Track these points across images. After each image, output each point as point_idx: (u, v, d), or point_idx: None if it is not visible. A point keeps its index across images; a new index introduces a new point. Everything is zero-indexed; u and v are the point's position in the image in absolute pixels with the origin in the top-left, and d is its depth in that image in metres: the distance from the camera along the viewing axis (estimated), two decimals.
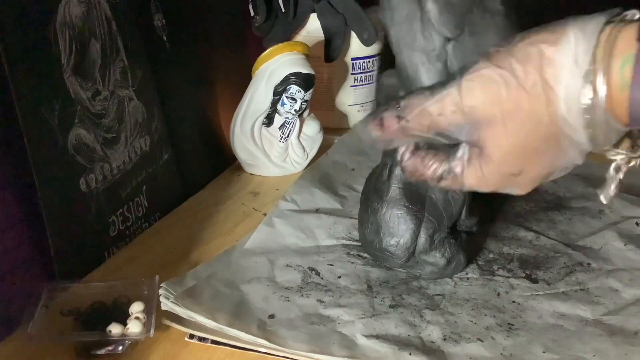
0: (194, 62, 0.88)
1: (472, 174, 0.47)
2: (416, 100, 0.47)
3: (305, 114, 0.89)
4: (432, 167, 0.50)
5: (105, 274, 0.66)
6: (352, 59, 1.01)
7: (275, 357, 0.54)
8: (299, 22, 0.99)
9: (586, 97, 0.41)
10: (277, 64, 0.84)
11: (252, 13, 0.96)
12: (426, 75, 0.56)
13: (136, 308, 0.57)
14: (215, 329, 0.56)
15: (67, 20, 0.65)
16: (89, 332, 0.56)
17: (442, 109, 0.46)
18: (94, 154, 0.68)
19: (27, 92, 0.60)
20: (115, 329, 0.55)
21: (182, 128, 0.85)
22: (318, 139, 0.91)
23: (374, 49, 1.01)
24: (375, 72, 1.04)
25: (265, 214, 0.76)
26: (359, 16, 0.97)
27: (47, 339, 0.55)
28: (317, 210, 0.76)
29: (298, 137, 0.89)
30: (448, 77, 0.47)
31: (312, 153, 0.91)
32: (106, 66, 0.70)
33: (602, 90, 0.41)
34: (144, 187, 0.76)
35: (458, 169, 0.48)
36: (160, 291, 0.58)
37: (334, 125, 1.01)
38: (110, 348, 0.54)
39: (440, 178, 0.49)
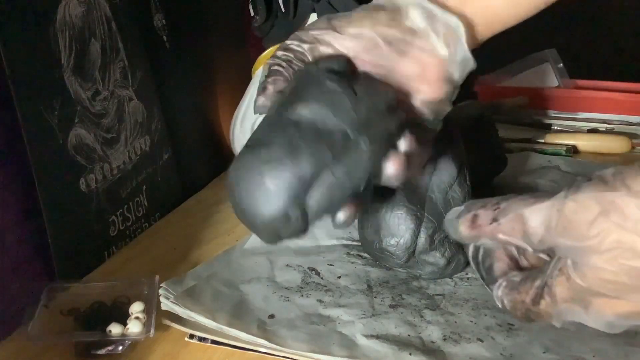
0: (194, 62, 0.88)
1: (561, 283, 0.42)
2: (514, 205, 0.44)
3: None
4: (531, 292, 0.44)
5: (105, 274, 0.66)
6: None
7: (275, 357, 0.54)
8: (299, 22, 0.98)
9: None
10: None
11: (252, 13, 0.96)
12: None
13: (136, 308, 0.57)
14: (215, 329, 0.56)
15: (67, 20, 0.65)
16: (89, 332, 0.56)
17: (537, 221, 0.42)
18: (94, 154, 0.68)
19: (27, 92, 0.60)
20: (115, 329, 0.55)
21: (182, 128, 0.85)
22: None
23: None
24: None
25: None
26: None
27: (47, 339, 0.55)
28: None
29: None
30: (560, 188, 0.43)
31: None
32: (106, 66, 0.70)
33: None
34: (144, 187, 0.76)
35: (554, 285, 0.43)
36: (160, 291, 0.58)
37: None
38: (110, 348, 0.54)
39: (539, 298, 0.44)
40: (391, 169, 0.46)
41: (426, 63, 0.49)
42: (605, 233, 0.39)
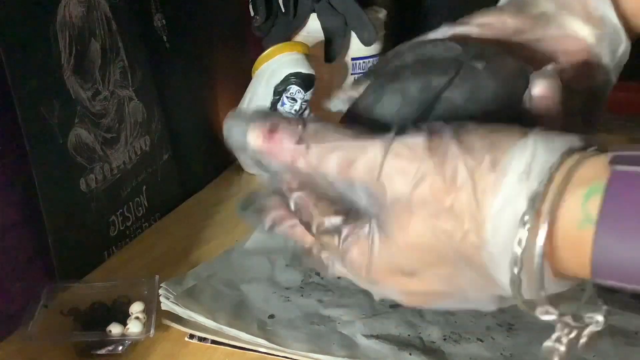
0: (194, 62, 0.88)
1: (357, 250, 0.37)
2: (331, 132, 0.36)
3: (305, 114, 0.89)
4: (321, 217, 0.38)
5: (105, 274, 0.66)
6: (352, 59, 1.01)
7: (275, 357, 0.54)
8: (299, 22, 0.99)
9: (525, 225, 0.31)
10: (277, 64, 0.84)
11: (252, 13, 0.96)
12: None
13: (136, 308, 0.57)
14: (215, 329, 0.56)
15: (67, 20, 0.65)
16: (89, 332, 0.56)
17: (356, 160, 0.35)
18: (94, 154, 0.68)
19: (27, 92, 0.60)
20: (115, 329, 0.55)
21: (182, 128, 0.85)
22: None
23: (374, 49, 1.01)
24: None
25: None
26: (359, 16, 0.97)
27: (47, 339, 0.55)
28: None
29: None
30: (379, 127, 0.37)
31: None
32: (106, 66, 0.70)
33: (550, 220, 0.31)
34: (144, 187, 0.76)
35: (346, 235, 0.37)
36: (160, 291, 0.58)
37: None
38: (110, 348, 0.54)
39: (322, 234, 0.38)
40: (538, 88, 0.38)
41: (566, 48, 0.43)
42: (426, 189, 0.34)
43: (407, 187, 0.34)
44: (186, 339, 0.56)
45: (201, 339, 0.56)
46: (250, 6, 0.96)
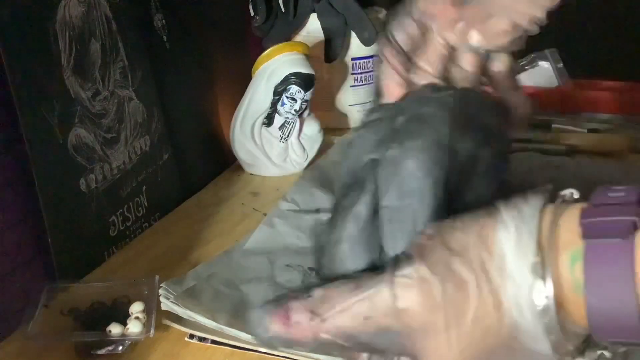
0: (194, 62, 0.88)
1: None
2: (336, 293, 0.37)
3: (305, 114, 0.89)
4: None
5: (105, 274, 0.66)
6: (352, 59, 1.01)
7: (275, 357, 0.54)
8: (299, 22, 0.99)
9: (541, 295, 0.34)
10: (277, 64, 0.84)
11: (252, 13, 0.96)
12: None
13: (136, 308, 0.57)
14: (215, 329, 0.56)
15: (67, 20, 0.65)
16: (89, 332, 0.56)
17: (370, 311, 0.36)
18: (94, 154, 0.68)
19: (27, 92, 0.60)
20: (115, 329, 0.55)
21: (182, 128, 0.85)
22: (318, 139, 0.91)
23: (374, 49, 1.01)
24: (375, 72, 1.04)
25: (265, 214, 0.76)
26: (359, 16, 0.97)
27: (47, 339, 0.55)
28: (317, 211, 0.76)
29: (298, 137, 0.89)
30: (375, 268, 0.39)
31: (312, 153, 0.91)
32: (106, 66, 0.70)
33: (553, 287, 0.34)
34: (144, 187, 0.76)
35: None
36: (160, 291, 0.58)
37: (334, 125, 1.00)
38: (110, 348, 0.54)
39: None
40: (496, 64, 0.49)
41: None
42: (446, 308, 0.35)
43: (428, 313, 0.35)
44: (186, 339, 0.56)
45: (201, 339, 0.56)
46: (250, 6, 0.96)
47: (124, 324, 0.55)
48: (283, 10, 0.97)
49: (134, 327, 0.55)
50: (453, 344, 0.35)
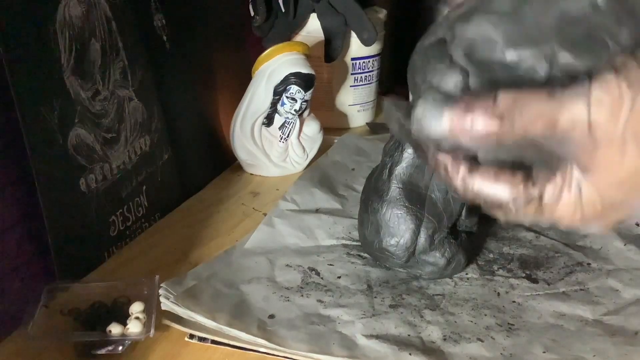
0: (194, 62, 0.88)
1: (567, 203, 0.38)
2: (530, 100, 0.36)
3: (305, 114, 0.89)
4: (511, 192, 0.38)
5: (105, 274, 0.66)
6: (352, 59, 1.01)
7: (275, 357, 0.54)
8: (299, 22, 0.99)
9: None
10: (277, 64, 0.84)
11: (252, 13, 0.96)
12: None
13: (136, 308, 0.57)
14: (215, 329, 0.56)
15: (67, 20, 0.65)
16: (89, 332, 0.56)
17: (564, 120, 0.36)
18: (94, 154, 0.68)
19: (27, 92, 0.60)
20: (115, 329, 0.55)
21: (182, 128, 0.85)
22: (318, 139, 0.91)
23: (374, 49, 1.01)
24: (375, 72, 1.04)
25: (265, 214, 0.76)
26: (359, 16, 0.97)
27: (47, 339, 0.55)
28: (317, 210, 0.76)
29: (298, 137, 0.89)
30: (562, 82, 0.37)
31: (312, 153, 0.91)
32: (106, 66, 0.70)
33: None
34: (144, 187, 0.76)
35: (551, 194, 0.38)
36: (160, 291, 0.58)
37: (334, 125, 1.01)
38: (110, 348, 0.54)
39: (521, 207, 0.38)
40: None
41: None
42: (637, 122, 0.35)
43: (618, 127, 0.35)
44: (186, 339, 0.57)
45: (201, 339, 0.56)
46: (250, 6, 0.96)
47: (124, 324, 0.55)
48: (283, 10, 0.97)
49: (134, 327, 0.55)
50: (627, 158, 0.36)
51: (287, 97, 0.85)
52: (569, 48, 0.37)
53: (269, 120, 0.87)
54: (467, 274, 0.65)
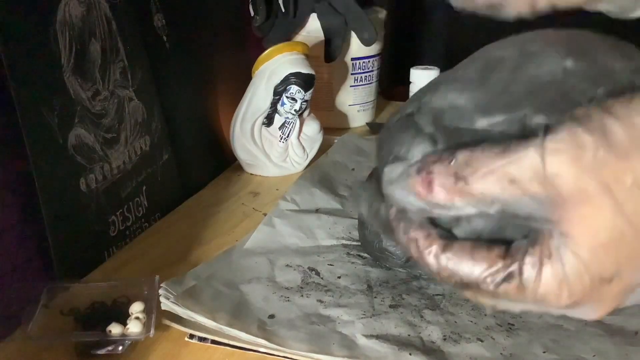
0: (194, 62, 0.88)
1: (550, 277, 0.34)
2: (483, 156, 0.34)
3: (305, 114, 0.89)
4: (487, 269, 0.35)
5: (105, 274, 0.66)
6: (352, 59, 1.01)
7: (275, 357, 0.54)
8: (299, 22, 0.99)
9: None
10: (277, 64, 0.84)
11: (252, 13, 0.96)
12: None
13: (136, 308, 0.57)
14: (215, 329, 0.56)
15: (67, 20, 0.65)
16: (89, 332, 0.56)
17: (518, 174, 0.33)
18: (94, 154, 0.68)
19: (27, 92, 0.60)
20: (115, 329, 0.55)
21: (182, 128, 0.85)
22: (318, 139, 0.91)
23: (374, 49, 1.01)
24: (375, 72, 1.04)
25: (265, 214, 0.76)
26: (359, 16, 0.97)
27: (47, 339, 0.55)
28: (317, 210, 0.76)
29: (298, 137, 0.89)
30: (521, 135, 0.35)
31: (312, 153, 0.91)
32: (106, 66, 0.70)
33: None
34: (144, 187, 0.76)
35: (530, 268, 0.34)
36: (160, 291, 0.58)
37: (334, 125, 1.01)
38: (110, 348, 0.54)
39: (499, 285, 0.35)
40: None
41: None
42: (599, 171, 0.32)
43: (580, 176, 0.33)
44: (186, 339, 0.57)
45: (201, 339, 0.56)
46: (250, 6, 0.96)
47: (124, 324, 0.55)
48: (283, 10, 0.97)
49: (134, 327, 0.55)
50: (607, 213, 0.33)
51: (287, 97, 0.85)
52: (544, 110, 0.35)
53: (269, 120, 0.87)
54: None
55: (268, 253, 0.68)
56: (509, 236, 0.36)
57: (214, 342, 0.56)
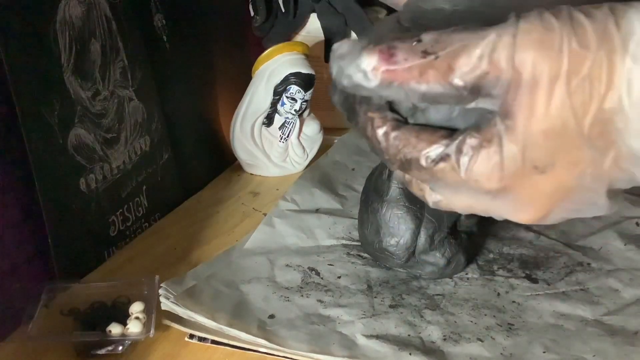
0: (194, 62, 0.88)
1: (485, 159, 0.35)
2: (452, 34, 0.34)
3: (305, 114, 0.89)
4: (428, 147, 0.36)
5: (105, 274, 0.66)
6: None
7: (275, 357, 0.54)
8: (299, 22, 0.99)
9: None
10: (277, 64, 0.84)
11: (252, 13, 0.96)
12: None
13: (136, 308, 0.57)
14: (215, 329, 0.56)
15: (67, 20, 0.65)
16: (89, 332, 0.56)
17: (487, 51, 0.34)
18: (94, 154, 0.68)
19: (27, 92, 0.60)
20: (115, 329, 0.55)
21: (182, 128, 0.85)
22: (318, 139, 0.91)
23: None
24: None
25: (265, 214, 0.76)
26: (359, 16, 0.97)
27: (47, 339, 0.55)
28: (317, 210, 0.76)
29: (298, 137, 0.89)
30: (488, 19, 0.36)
31: (312, 153, 0.91)
32: (106, 66, 0.70)
33: None
34: (144, 187, 0.76)
35: (466, 150, 0.35)
36: (160, 291, 0.58)
37: (334, 125, 1.00)
38: (110, 348, 0.54)
39: (437, 162, 0.36)
40: None
41: None
42: (564, 59, 0.33)
43: (546, 61, 0.33)
44: (186, 339, 0.57)
45: (201, 339, 0.56)
46: (250, 6, 0.96)
47: (124, 324, 0.55)
48: (283, 10, 0.97)
49: (134, 327, 0.55)
50: (554, 100, 0.34)
51: (287, 97, 0.85)
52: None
53: (269, 120, 0.87)
54: (467, 274, 0.65)
55: (268, 253, 0.68)
56: (460, 126, 0.37)
57: (214, 342, 0.56)
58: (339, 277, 0.65)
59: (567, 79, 0.33)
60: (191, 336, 0.56)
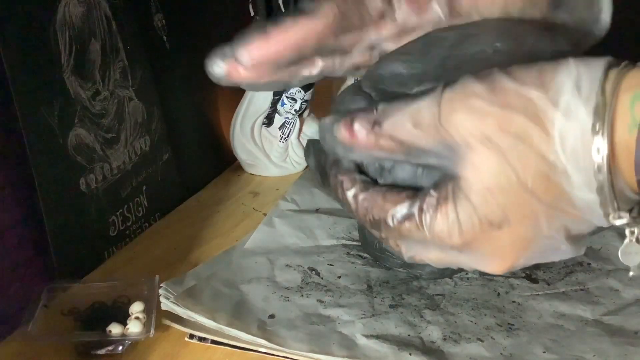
0: (194, 62, 0.88)
1: (442, 218, 0.37)
2: (397, 105, 0.38)
3: (305, 114, 0.89)
4: (394, 207, 0.39)
5: (105, 274, 0.66)
6: None
7: (275, 357, 0.54)
8: None
9: (598, 133, 0.33)
10: None
11: (252, 13, 0.96)
12: None
13: (136, 308, 0.57)
14: (215, 329, 0.56)
15: (67, 20, 0.65)
16: (89, 332, 0.56)
17: (418, 120, 0.37)
18: (94, 154, 0.68)
19: (27, 92, 0.60)
20: (115, 329, 0.55)
21: (182, 128, 0.85)
22: None
23: None
24: None
25: (265, 214, 0.76)
26: None
27: (47, 339, 0.55)
28: (317, 210, 0.76)
29: (298, 137, 0.89)
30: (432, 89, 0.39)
31: None
32: (106, 66, 0.70)
33: (611, 127, 0.33)
34: (144, 187, 0.76)
35: (428, 210, 0.38)
36: (160, 291, 0.58)
37: None
38: (110, 348, 0.54)
39: (402, 222, 0.39)
40: None
41: None
42: (489, 121, 0.35)
43: (471, 124, 0.36)
44: (186, 339, 0.57)
45: (201, 339, 0.56)
46: (250, 6, 0.96)
47: (124, 324, 0.55)
48: (283, 10, 0.97)
49: (134, 327, 0.55)
50: (492, 160, 0.35)
51: (287, 97, 0.85)
52: None
53: (269, 120, 0.87)
54: (467, 273, 0.65)
55: (268, 253, 0.68)
56: (424, 184, 0.40)
57: (214, 342, 0.56)
58: (339, 277, 0.65)
59: (497, 138, 0.35)
60: (191, 336, 0.56)
